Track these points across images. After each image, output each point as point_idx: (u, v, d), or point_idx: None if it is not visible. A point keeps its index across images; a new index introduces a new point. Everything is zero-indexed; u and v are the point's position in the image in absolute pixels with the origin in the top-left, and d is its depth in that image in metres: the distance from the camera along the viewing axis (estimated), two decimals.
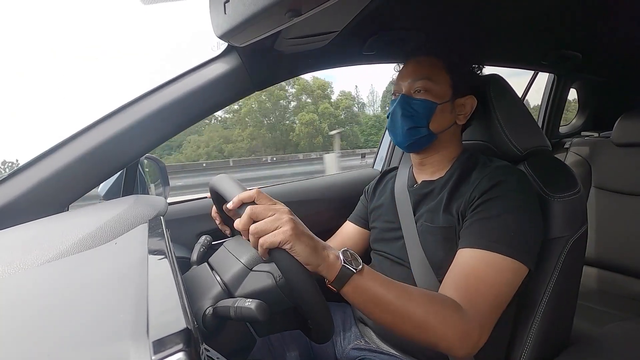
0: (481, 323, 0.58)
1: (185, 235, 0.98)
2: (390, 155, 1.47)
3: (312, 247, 0.51)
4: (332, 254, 0.53)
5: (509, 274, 0.62)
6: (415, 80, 0.76)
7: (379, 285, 0.55)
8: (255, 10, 0.52)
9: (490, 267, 0.61)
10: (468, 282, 0.61)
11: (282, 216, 0.51)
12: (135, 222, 0.55)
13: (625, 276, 1.38)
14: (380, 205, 0.88)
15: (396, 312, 0.55)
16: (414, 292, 0.57)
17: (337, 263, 0.53)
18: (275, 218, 0.50)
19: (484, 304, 0.59)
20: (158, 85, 0.81)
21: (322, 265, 0.52)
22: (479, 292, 0.59)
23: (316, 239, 0.53)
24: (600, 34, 1.22)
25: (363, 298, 0.54)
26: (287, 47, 0.84)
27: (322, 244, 0.53)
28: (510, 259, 0.61)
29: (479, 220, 0.65)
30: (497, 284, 0.61)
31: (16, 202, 0.68)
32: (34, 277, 0.42)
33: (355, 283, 0.53)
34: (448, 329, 0.55)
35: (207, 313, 0.55)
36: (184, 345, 0.26)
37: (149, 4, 0.69)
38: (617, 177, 1.45)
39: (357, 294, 0.54)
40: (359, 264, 0.54)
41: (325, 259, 0.52)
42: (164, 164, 1.09)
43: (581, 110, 2.09)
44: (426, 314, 0.55)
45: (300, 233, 0.50)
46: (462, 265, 0.63)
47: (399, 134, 0.77)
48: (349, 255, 0.54)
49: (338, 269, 0.52)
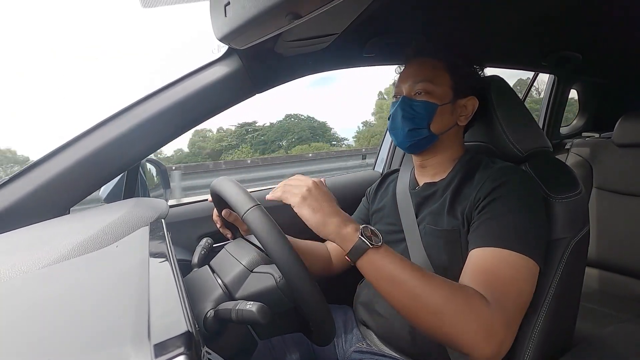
0: (507, 321, 0.54)
1: (186, 238, 0.98)
2: (391, 157, 1.47)
3: (322, 214, 0.57)
4: (352, 227, 0.57)
5: (525, 271, 0.60)
6: (416, 82, 0.76)
7: (396, 264, 0.55)
8: (255, 12, 0.52)
9: (505, 264, 0.59)
10: (486, 279, 0.58)
11: (302, 184, 0.60)
12: (136, 224, 0.55)
13: (627, 277, 1.38)
14: (381, 208, 0.88)
15: (412, 294, 0.54)
16: (434, 277, 0.56)
17: (355, 236, 0.55)
18: (297, 185, 0.60)
19: (507, 301, 0.56)
20: (159, 88, 0.81)
21: (334, 234, 0.56)
22: (502, 289, 0.56)
23: (333, 210, 0.58)
24: (600, 35, 1.22)
25: (378, 274, 0.55)
26: (288, 49, 0.84)
27: (340, 217, 0.58)
28: (523, 256, 0.60)
29: (487, 221, 0.65)
30: (516, 281, 0.58)
31: (18, 205, 0.68)
32: (35, 280, 0.42)
33: (370, 258, 0.55)
34: (472, 321, 0.51)
35: (208, 316, 0.55)
36: (185, 348, 0.26)
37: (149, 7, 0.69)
38: (618, 178, 1.44)
39: (372, 269, 0.55)
40: (378, 241, 0.56)
41: (339, 229, 0.56)
42: (164, 166, 1.09)
43: (582, 111, 2.09)
44: (446, 300, 0.52)
45: (310, 200, 0.58)
46: (477, 264, 0.61)
47: (399, 135, 0.77)
48: (369, 231, 0.56)
49: (354, 242, 0.55)
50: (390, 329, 0.75)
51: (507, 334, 0.54)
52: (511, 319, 0.56)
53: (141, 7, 0.66)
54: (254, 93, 0.88)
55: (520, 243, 0.61)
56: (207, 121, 0.85)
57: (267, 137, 21.48)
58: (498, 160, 0.76)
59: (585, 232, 0.73)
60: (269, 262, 0.62)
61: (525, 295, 0.59)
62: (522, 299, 0.59)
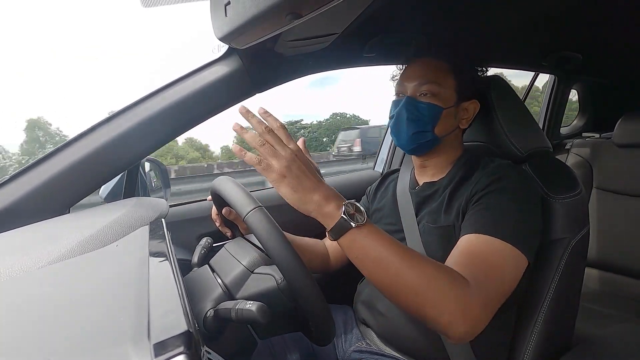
0: (485, 302, 0.55)
1: (186, 238, 0.98)
2: (391, 157, 1.47)
3: (302, 192, 0.53)
4: (334, 205, 0.53)
5: (510, 261, 0.60)
6: (422, 83, 0.75)
7: (379, 245, 0.53)
8: (255, 12, 0.52)
9: (491, 249, 0.59)
10: (472, 261, 0.58)
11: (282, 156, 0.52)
12: (136, 224, 0.55)
13: (626, 277, 1.38)
14: (381, 208, 0.88)
15: (396, 275, 0.53)
16: (418, 258, 0.54)
17: (336, 214, 0.53)
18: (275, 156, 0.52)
19: (487, 283, 0.56)
20: (159, 88, 0.81)
21: (315, 212, 0.53)
22: (483, 272, 0.57)
23: (313, 186, 0.53)
24: (600, 35, 1.22)
25: (360, 254, 0.54)
26: (288, 49, 0.84)
27: (321, 193, 0.54)
28: (511, 246, 0.59)
29: (480, 211, 0.65)
30: (500, 267, 0.59)
31: (18, 204, 0.68)
32: (35, 280, 0.42)
33: (353, 237, 0.53)
34: (450, 301, 0.52)
35: (208, 315, 0.55)
36: (185, 347, 0.26)
37: (149, 7, 0.69)
38: (618, 178, 1.44)
39: (354, 249, 0.54)
40: (362, 219, 0.53)
41: (320, 208, 0.53)
42: (165, 166, 1.09)
43: (582, 111, 2.09)
44: (428, 282, 0.52)
45: (289, 178, 0.52)
46: (464, 247, 0.62)
47: (403, 137, 0.76)
48: (352, 208, 0.53)
49: (336, 220, 0.52)
50: (391, 328, 0.75)
51: (483, 314, 0.54)
52: (489, 301, 0.55)
53: (142, 6, 0.66)
54: (254, 93, 0.88)
55: (510, 233, 0.60)
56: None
57: (318, 133, 21.42)
58: (497, 159, 0.76)
59: (585, 232, 0.73)
60: (270, 262, 0.62)
61: (508, 284, 0.59)
62: (504, 287, 0.58)
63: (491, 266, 0.58)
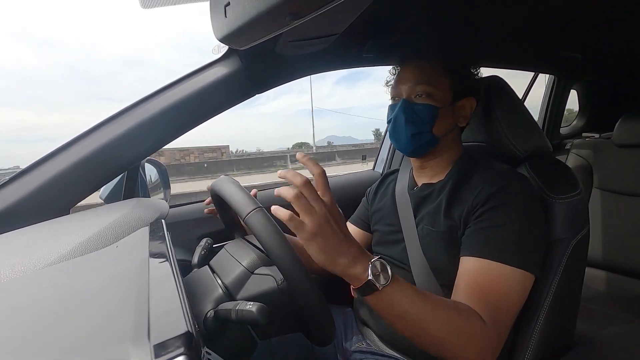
0: (500, 332, 0.58)
1: (186, 238, 0.98)
2: (390, 158, 1.48)
3: (331, 254, 0.51)
4: (360, 267, 0.52)
5: (520, 285, 0.62)
6: (417, 85, 0.75)
7: (404, 302, 0.54)
8: (255, 13, 0.52)
9: (502, 278, 0.61)
10: (482, 295, 0.60)
11: (316, 215, 0.50)
12: (136, 225, 0.55)
13: (627, 278, 1.38)
14: (381, 208, 0.88)
15: (420, 328, 0.54)
16: (439, 306, 0.56)
17: (363, 276, 0.52)
18: (310, 212, 0.50)
19: (500, 314, 0.59)
20: (159, 88, 0.81)
21: (341, 274, 0.52)
22: (495, 304, 0.59)
23: (342, 250, 0.51)
24: (600, 35, 1.22)
25: (386, 311, 0.55)
26: (288, 49, 0.84)
27: (349, 256, 0.52)
28: (520, 270, 0.61)
29: (485, 229, 0.65)
30: (510, 295, 0.61)
31: (18, 205, 0.68)
32: (35, 281, 0.42)
33: (379, 296, 0.53)
34: (471, 343, 0.55)
35: (208, 316, 0.55)
36: (185, 348, 0.26)
37: (148, 8, 0.69)
38: (618, 178, 1.44)
39: (380, 306, 0.54)
40: (387, 277, 0.52)
41: (347, 269, 0.52)
42: (165, 167, 1.09)
43: (582, 112, 2.09)
44: (450, 329, 0.54)
45: (319, 238, 0.50)
46: (473, 276, 0.63)
47: (402, 140, 0.76)
48: (378, 268, 0.52)
49: (362, 282, 0.52)
50: (391, 329, 0.75)
51: (499, 343, 0.58)
52: (504, 330, 0.59)
53: (140, 8, 0.67)
54: (254, 93, 0.89)
55: (517, 257, 0.61)
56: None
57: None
58: (496, 162, 0.76)
59: (585, 232, 0.73)
60: (269, 263, 0.62)
61: (518, 305, 0.62)
62: (515, 309, 0.62)
63: (502, 296, 0.60)
